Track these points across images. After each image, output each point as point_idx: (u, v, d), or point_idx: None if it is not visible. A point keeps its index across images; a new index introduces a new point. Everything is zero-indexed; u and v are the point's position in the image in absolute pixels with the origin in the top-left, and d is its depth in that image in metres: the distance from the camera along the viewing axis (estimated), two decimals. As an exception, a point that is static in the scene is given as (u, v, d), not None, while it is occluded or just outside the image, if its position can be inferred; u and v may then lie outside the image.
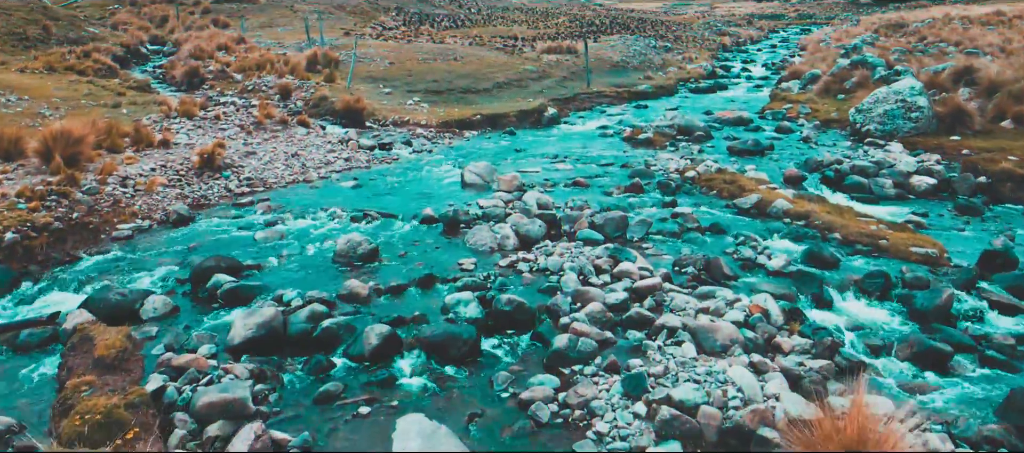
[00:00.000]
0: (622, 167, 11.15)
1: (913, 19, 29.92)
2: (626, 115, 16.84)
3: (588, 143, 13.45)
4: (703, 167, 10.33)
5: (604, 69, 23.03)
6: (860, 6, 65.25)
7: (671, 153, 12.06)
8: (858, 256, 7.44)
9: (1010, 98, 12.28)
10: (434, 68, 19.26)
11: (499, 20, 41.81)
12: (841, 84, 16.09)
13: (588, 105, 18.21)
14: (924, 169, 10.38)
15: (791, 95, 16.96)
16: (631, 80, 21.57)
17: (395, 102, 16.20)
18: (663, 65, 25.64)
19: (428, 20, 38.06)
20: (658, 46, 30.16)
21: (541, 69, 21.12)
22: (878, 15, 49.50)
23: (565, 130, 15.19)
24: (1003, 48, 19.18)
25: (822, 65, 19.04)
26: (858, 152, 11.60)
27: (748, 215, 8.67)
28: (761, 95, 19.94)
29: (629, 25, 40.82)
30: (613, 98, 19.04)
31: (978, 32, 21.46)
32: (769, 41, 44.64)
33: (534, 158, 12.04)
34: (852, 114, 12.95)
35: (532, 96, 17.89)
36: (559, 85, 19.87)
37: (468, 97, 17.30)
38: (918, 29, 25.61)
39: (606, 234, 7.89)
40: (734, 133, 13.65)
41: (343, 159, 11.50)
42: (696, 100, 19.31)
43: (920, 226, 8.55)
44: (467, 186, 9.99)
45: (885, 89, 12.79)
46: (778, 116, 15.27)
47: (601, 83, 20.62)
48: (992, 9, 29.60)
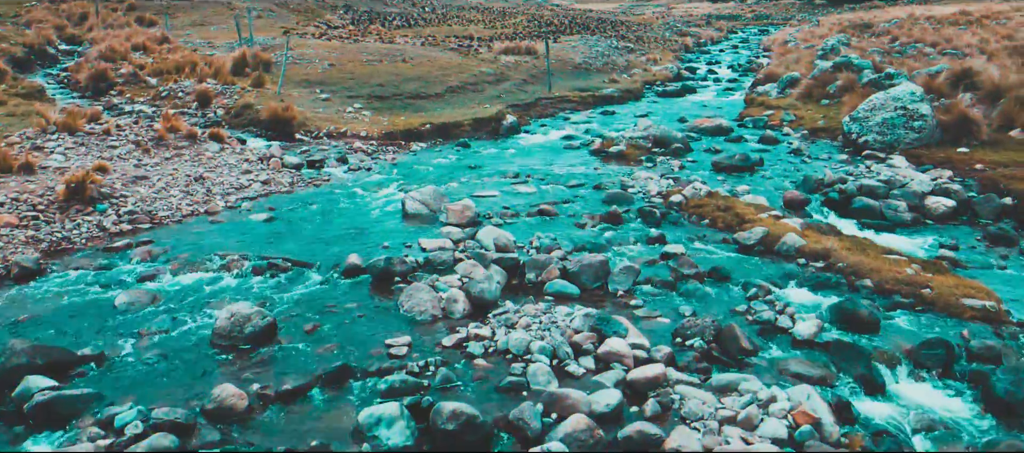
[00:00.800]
0: (594, 188, 9.45)
1: (879, 19, 29.10)
2: (592, 123, 15.19)
3: (553, 157, 11.73)
4: (690, 190, 8.68)
5: (566, 71, 21.39)
6: (816, 7, 65.35)
7: (649, 170, 10.41)
8: (900, 311, 5.86)
9: (1018, 105, 11.01)
10: (379, 70, 17.30)
11: (455, 19, 39.95)
12: (824, 88, 14.73)
13: (551, 112, 16.50)
14: (940, 189, 8.94)
15: (769, 100, 15.56)
16: (595, 83, 19.97)
17: (332, 110, 14.22)
18: (627, 67, 24.15)
19: (379, 19, 35.93)
20: (620, 47, 28.71)
21: (498, 71, 19.35)
22: (836, 16, 49.23)
23: (526, 141, 13.45)
24: (982, 49, 18.17)
25: (798, 67, 17.74)
26: (860, 168, 10.14)
27: (753, 254, 7.04)
28: (734, 99, 18.56)
29: (589, 25, 39.39)
30: (577, 103, 17.38)
31: (952, 32, 20.52)
32: (729, 41, 43.80)
33: (491, 177, 10.25)
34: (846, 123, 11.52)
35: (489, 102, 16.11)
36: (518, 89, 18.13)
37: (417, 103, 15.41)
38: (887, 29, 24.68)
39: (582, 285, 6.16)
40: (715, 144, 12.10)
41: (260, 182, 9.52)
42: (666, 105, 17.79)
43: (955, 264, 7.06)
44: (409, 217, 8.15)
45: (882, 95, 11.39)
46: (759, 123, 13.81)
47: (563, 87, 18.97)
48: (957, 8, 28.99)
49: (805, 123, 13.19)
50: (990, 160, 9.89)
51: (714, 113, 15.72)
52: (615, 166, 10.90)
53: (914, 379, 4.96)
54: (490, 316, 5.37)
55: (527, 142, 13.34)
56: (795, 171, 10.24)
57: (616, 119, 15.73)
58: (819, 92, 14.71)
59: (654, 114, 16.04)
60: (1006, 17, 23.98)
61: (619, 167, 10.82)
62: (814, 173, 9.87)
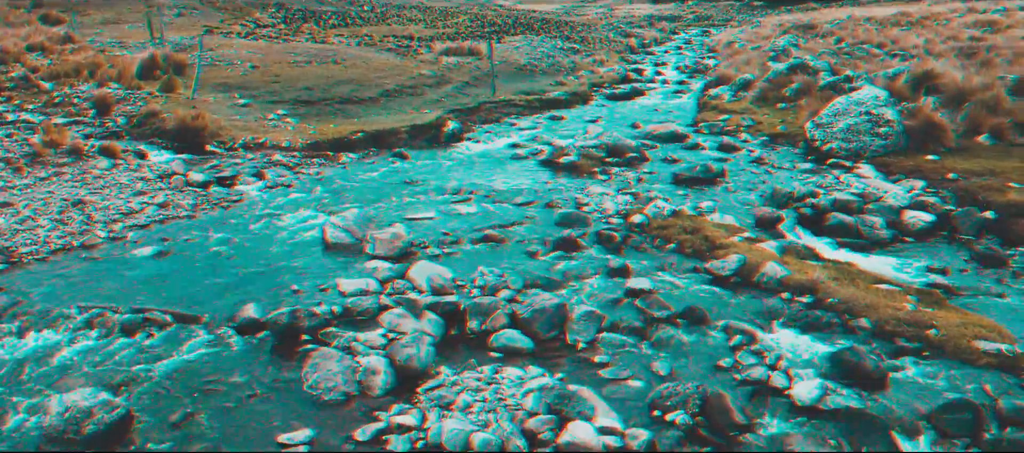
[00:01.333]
0: (546, 207, 8.37)
1: (821, 20, 29.11)
2: (540, 129, 14.15)
3: (499, 169, 10.62)
4: (653, 209, 7.71)
5: (511, 73, 20.33)
6: (753, 8, 66.30)
7: (604, 184, 9.41)
8: (906, 358, 4.98)
9: (984, 109, 10.49)
10: (308, 73, 15.85)
11: (394, 19, 38.46)
12: (780, 91, 14.09)
13: (495, 117, 15.39)
14: (917, 203, 8.22)
15: (724, 103, 14.84)
16: (541, 86, 18.96)
17: (252, 117, 12.75)
18: (574, 69, 23.26)
19: (313, 18, 34.16)
20: (566, 48, 27.86)
21: (439, 73, 18.13)
22: (775, 17, 49.78)
23: (469, 150, 12.29)
24: (929, 50, 17.97)
25: (750, 69, 17.13)
26: (829, 179, 9.38)
27: (730, 286, 6.08)
28: (684, 102, 17.84)
29: (533, 25, 38.50)
30: (524, 108, 16.32)
31: (897, 33, 20.36)
32: (673, 42, 43.62)
33: (429, 194, 9.06)
34: (809, 129, 10.80)
35: (428, 106, 14.89)
36: (460, 92, 16.95)
37: (348, 109, 14.06)
38: (832, 30, 24.53)
39: (536, 335, 5.08)
40: (673, 153, 11.21)
41: (157, 205, 8.09)
42: (616, 109, 16.91)
43: (950, 291, 6.27)
44: (330, 248, 6.91)
45: (846, 99, 10.72)
46: (715, 129, 13.02)
47: (508, 90, 17.88)
48: (896, 10, 29.22)
49: (764, 129, 12.46)
50: (962, 168, 9.27)
51: (667, 118, 14.92)
52: (567, 179, 9.87)
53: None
54: (421, 392, 4.21)
55: (470, 151, 12.19)
56: (761, 183, 9.41)
57: (565, 125, 14.73)
58: (775, 95, 14.05)
59: (605, 119, 15.12)
60: (945, 18, 24.15)
61: (572, 180, 9.79)
62: (782, 186, 9.06)
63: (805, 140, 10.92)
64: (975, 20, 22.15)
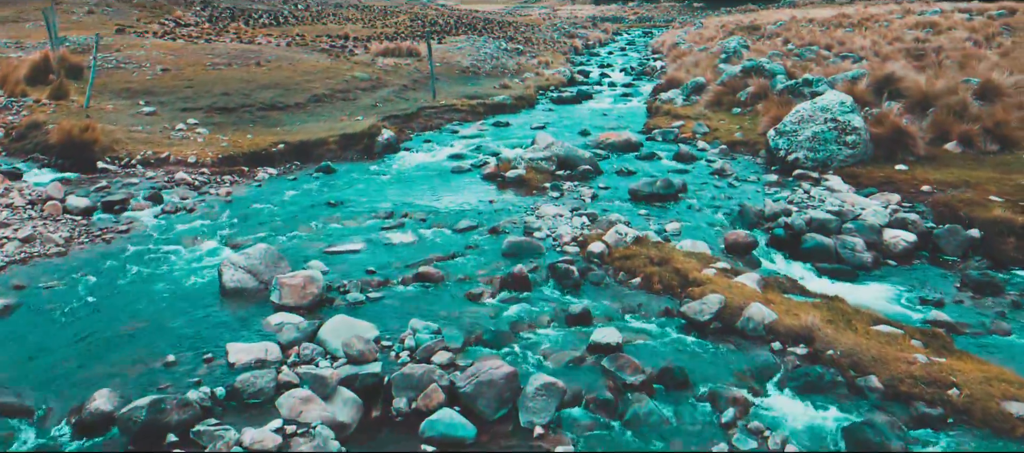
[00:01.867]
0: (491, 232, 7.26)
1: (764, 21, 28.95)
2: (485, 137, 13.04)
3: (438, 185, 9.46)
4: (613, 235, 6.69)
5: (452, 76, 19.16)
6: (694, 9, 66.85)
7: (556, 202, 8.38)
8: (925, 430, 4.09)
9: (951, 115, 9.92)
10: (227, 76, 14.31)
11: (331, 18, 36.73)
12: (734, 95, 13.37)
13: (435, 124, 14.19)
14: (897, 221, 7.48)
15: (676, 108, 14.05)
16: (485, 89, 17.86)
17: (158, 127, 11.21)
18: (518, 70, 22.25)
19: (242, 16, 32.17)
20: (510, 49, 26.85)
21: (375, 76, 16.82)
22: (715, 18, 50.05)
23: (405, 162, 11.08)
24: (877, 52, 17.68)
25: (700, 72, 16.44)
26: (798, 193, 8.59)
27: (711, 335, 5.10)
28: (633, 106, 17.05)
29: (476, 25, 37.38)
30: (466, 113, 15.18)
31: (842, 35, 20.09)
32: (617, 43, 43.24)
33: (357, 218, 7.84)
34: (772, 137, 10.03)
35: (362, 113, 13.59)
36: (398, 97, 15.70)
37: (271, 116, 12.64)
38: (776, 31, 24.25)
39: (480, 416, 3.99)
40: (627, 164, 10.27)
41: (19, 240, 6.62)
42: (563, 114, 15.97)
43: (953, 329, 5.46)
44: (228, 296, 5.63)
45: (809, 105, 9.99)
46: (670, 136, 12.18)
47: (450, 94, 16.71)
48: (835, 12, 29.30)
49: (721, 136, 11.67)
50: (935, 179, 8.62)
51: (618, 123, 14.03)
52: (514, 196, 8.79)
53: None
54: (320, 530, 3.04)
55: (407, 163, 10.98)
56: (726, 199, 8.54)
57: (511, 131, 13.67)
58: (729, 100, 13.33)
59: (552, 125, 14.14)
60: (884, 20, 24.19)
61: (519, 197, 8.72)
62: (749, 202, 8.21)
63: (767, 149, 10.14)
64: (915, 22, 22.16)
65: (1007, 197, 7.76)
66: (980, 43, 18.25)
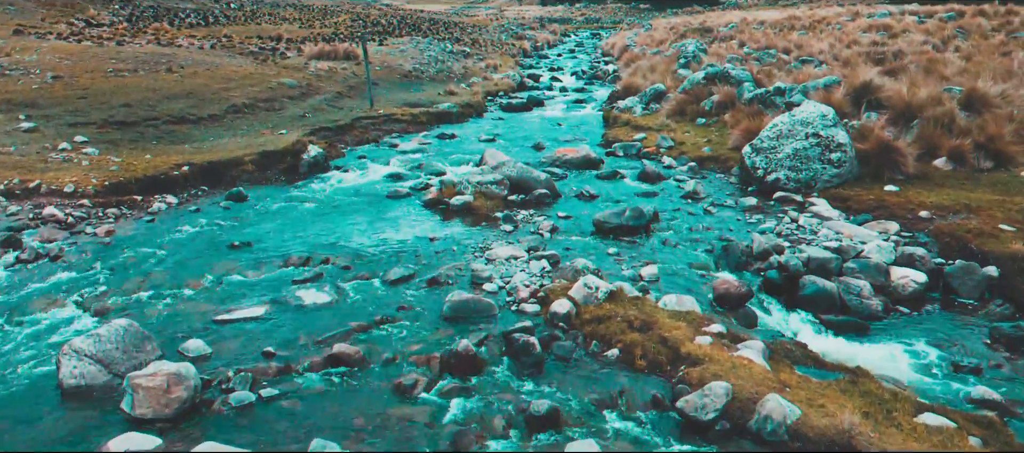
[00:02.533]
0: (430, 284, 5.87)
1: (714, 23, 28.28)
2: (428, 152, 11.61)
3: (370, 216, 8.00)
4: (581, 290, 5.37)
5: (394, 81, 17.63)
6: (641, 11, 66.61)
7: (509, 238, 7.03)
8: None
9: (939, 128, 9.02)
10: (131, 85, 12.46)
11: (266, 18, 34.57)
12: (698, 104, 12.30)
13: (372, 136, 12.68)
14: (903, 257, 6.42)
15: (635, 118, 12.90)
16: (429, 96, 16.40)
17: (36, 148, 9.39)
18: (465, 75, 20.85)
19: (167, 16, 29.78)
20: (456, 51, 25.41)
21: (305, 83, 15.16)
22: (663, 19, 49.66)
23: (334, 185, 9.57)
24: (837, 56, 16.97)
25: (658, 78, 15.37)
26: (785, 222, 7.48)
27: (718, 441, 3.85)
28: (588, 114, 15.89)
29: (421, 26, 35.76)
30: (408, 123, 13.70)
31: (798, 38, 19.37)
32: (565, 45, 42.30)
33: (263, 266, 6.33)
34: (748, 155, 8.92)
35: (288, 126, 11.97)
36: (331, 106, 14.10)
37: (179, 132, 10.91)
38: (730, 34, 23.50)
39: None
40: (588, 185, 9.02)
41: None
42: (514, 123, 14.67)
43: (1008, 412, 4.37)
44: (69, 396, 4.10)
45: (788, 119, 8.92)
46: (631, 151, 11.00)
47: (390, 101, 15.20)
48: (785, 14, 28.86)
49: (688, 151, 10.54)
50: (932, 203, 7.64)
51: (573, 135, 12.81)
52: (461, 230, 7.42)
53: None
54: None
55: (336, 186, 9.47)
56: (704, 230, 7.36)
57: (457, 145, 12.28)
58: (693, 109, 12.24)
59: (503, 137, 12.82)
60: (836, 22, 23.73)
61: (466, 230, 7.35)
62: (732, 234, 7.06)
63: (743, 168, 9.04)
64: (867, 25, 21.70)
65: (1019, 226, 6.81)
66: (938, 46, 17.76)
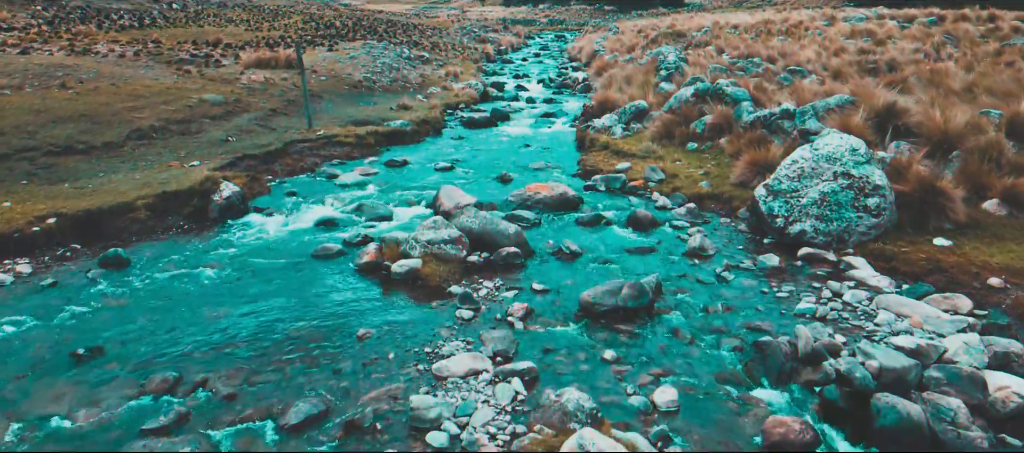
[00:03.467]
0: (345, 433, 3.94)
1: (685, 26, 26.77)
2: (372, 186, 9.63)
3: (286, 292, 6.01)
4: (576, 445, 3.52)
5: (341, 93, 15.55)
6: (605, 13, 65.22)
7: (467, 331, 5.13)
8: None
9: (986, 163, 7.41)
10: (8, 105, 10.15)
11: (210, 20, 31.96)
12: (687, 126, 10.57)
13: (308, 164, 10.62)
14: (996, 357, 4.73)
15: (614, 141, 11.11)
16: (380, 111, 14.38)
17: None
18: (422, 84, 18.84)
19: (97, 17, 27.04)
20: (414, 57, 23.35)
21: (234, 98, 13.02)
22: (628, 22, 48.26)
23: (249, 237, 7.54)
24: (825, 66, 15.48)
25: (636, 91, 13.64)
26: (824, 296, 5.73)
27: None
28: (559, 130, 14.09)
29: (377, 29, 33.53)
30: (351, 147, 11.68)
31: (782, 45, 17.87)
32: (530, 48, 40.54)
33: (109, 392, 4.32)
34: (764, 198, 7.18)
35: (205, 153, 9.87)
36: (262, 126, 12.00)
37: (61, 167, 8.72)
38: (704, 39, 21.95)
39: None
40: (568, 236, 7.18)
41: None
42: (476, 143, 12.77)
43: None
44: None
45: (809, 153, 7.20)
46: (615, 184, 9.20)
47: (334, 119, 13.15)
48: (757, 18, 27.49)
49: (682, 185, 8.78)
50: (998, 264, 6.01)
51: (544, 161, 10.97)
52: (403, 311, 5.50)
53: None
54: None
55: (251, 240, 7.44)
56: (725, 312, 5.56)
57: (409, 175, 10.33)
58: (682, 131, 10.50)
59: (463, 163, 10.90)
60: (816, 28, 22.37)
61: (409, 313, 5.44)
62: (761, 318, 5.30)
63: (758, 214, 7.30)
64: (850, 30, 20.36)
65: None
66: (931, 54, 16.43)
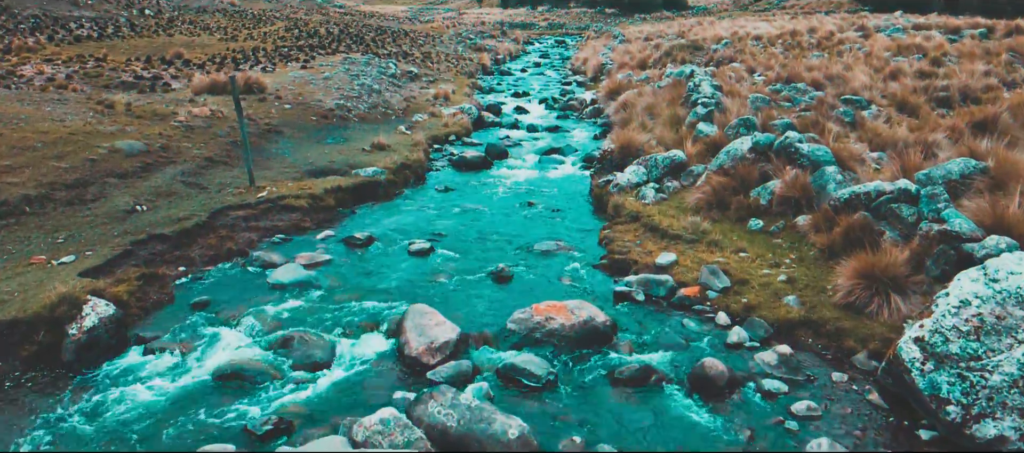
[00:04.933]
0: None
1: (699, 35, 23.96)
2: (315, 291, 6.85)
3: None
4: None
5: (306, 127, 12.75)
6: (606, 17, 62.37)
7: None
8: None
9: None
10: None
11: (184, 28, 29.11)
12: (746, 193, 7.81)
13: (238, 247, 7.81)
14: None
15: (647, 209, 8.34)
16: (350, 152, 11.60)
17: None
18: (407, 110, 16.06)
19: (50, 27, 24.18)
20: (399, 74, 20.55)
21: (161, 144, 10.24)
22: (632, 27, 45.47)
23: (106, 410, 4.77)
24: (885, 94, 12.73)
25: (665, 129, 10.90)
26: None
27: None
28: (569, 174, 11.38)
29: (364, 38, 30.69)
30: (304, 213, 8.90)
31: (824, 64, 15.09)
32: (529, 56, 37.76)
33: None
34: (916, 363, 4.42)
35: (90, 238, 7.09)
36: (189, 184, 9.22)
37: None
38: (727, 54, 19.16)
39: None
40: (603, 422, 4.45)
41: None
42: (466, 197, 10.02)
43: None
44: None
45: (982, 286, 4.44)
46: (657, 292, 6.43)
47: (287, 168, 10.38)
48: (779, 29, 24.67)
49: (757, 300, 6.00)
50: None
51: (550, 225, 8.23)
52: None
53: None
54: None
55: (108, 416, 4.69)
56: None
57: (372, 262, 7.56)
58: (740, 202, 7.74)
59: (447, 239, 8.14)
60: (853, 42, 19.60)
61: None
62: None
63: (904, 383, 4.55)
64: (895, 45, 17.59)
65: None
66: (1003, 78, 13.69)
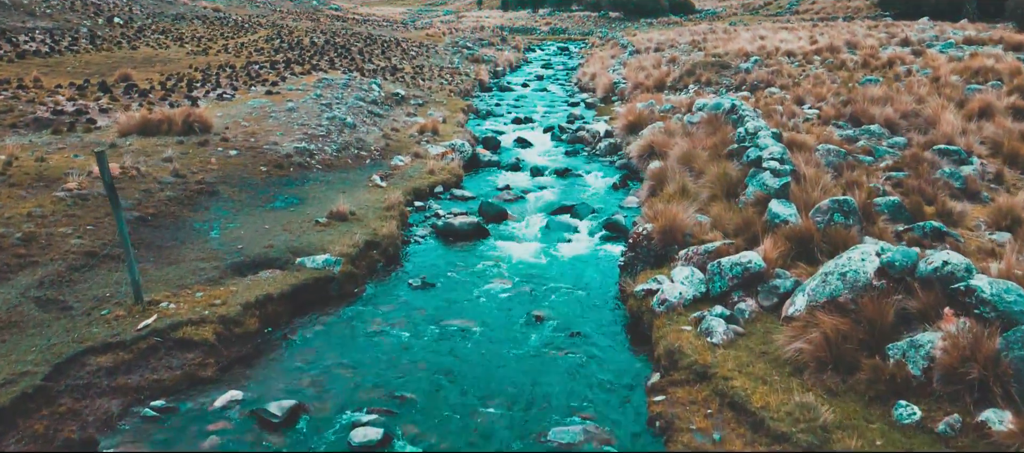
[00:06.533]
0: None
1: (717, 47, 21.03)
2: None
3: None
4: None
5: (251, 183, 9.82)
6: (610, 21, 59.37)
7: None
8: None
9: None
10: None
11: (155, 37, 26.19)
12: (877, 351, 4.91)
13: (83, 433, 4.92)
14: None
15: (715, 359, 5.45)
16: (298, 226, 8.66)
17: None
18: (385, 151, 13.17)
19: (-7, 42, 21.24)
20: (384, 98, 17.62)
21: (22, 234, 7.36)
22: (640, 33, 42.55)
23: None
24: (983, 139, 9.87)
25: (729, 214, 8.02)
26: None
27: None
28: (582, 255, 8.52)
29: (351, 49, 27.72)
30: (205, 351, 5.98)
31: (895, 96, 12.15)
32: (530, 65, 34.88)
33: None
34: None
35: None
36: (44, 304, 6.32)
37: None
38: (764, 77, 16.23)
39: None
40: None
41: None
42: (449, 309, 7.11)
43: None
44: None
45: None
46: None
47: (204, 259, 7.45)
48: (812, 43, 21.70)
49: None
50: None
51: (568, 362, 5.35)
52: None
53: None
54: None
55: None
56: None
57: (288, 464, 4.68)
58: (871, 365, 4.83)
59: (416, 398, 5.23)
60: (899, 58, 16.70)
61: None
62: None
63: None
64: (962, 67, 14.69)
65: None
66: None
